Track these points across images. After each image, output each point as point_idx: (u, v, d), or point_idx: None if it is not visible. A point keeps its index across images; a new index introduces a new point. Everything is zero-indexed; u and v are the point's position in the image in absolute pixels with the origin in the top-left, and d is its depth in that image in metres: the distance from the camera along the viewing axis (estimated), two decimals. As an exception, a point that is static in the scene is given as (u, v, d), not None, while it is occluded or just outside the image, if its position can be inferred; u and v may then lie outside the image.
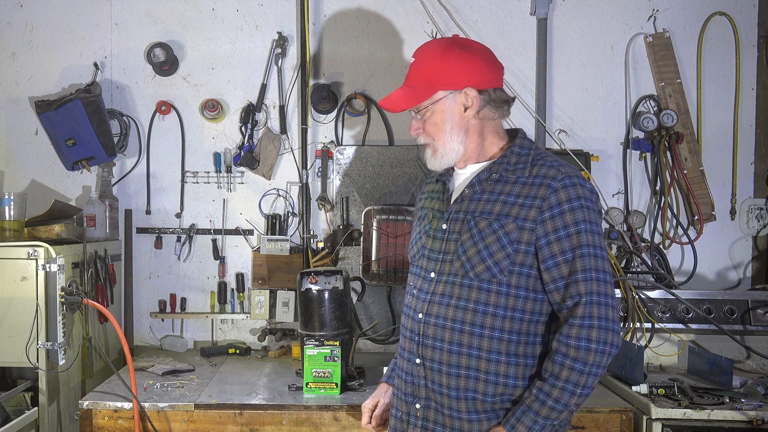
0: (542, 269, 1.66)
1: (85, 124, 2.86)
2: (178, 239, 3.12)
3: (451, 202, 1.80)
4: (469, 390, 1.70)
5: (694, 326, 2.80)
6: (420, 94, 1.74)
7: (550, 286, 1.66)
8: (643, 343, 2.77)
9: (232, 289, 3.12)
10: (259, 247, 3.08)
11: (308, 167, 3.09)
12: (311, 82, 3.08)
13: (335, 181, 3.06)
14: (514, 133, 1.82)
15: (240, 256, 3.14)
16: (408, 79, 1.79)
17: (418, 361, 1.77)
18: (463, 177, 1.81)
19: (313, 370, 2.44)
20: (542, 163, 1.71)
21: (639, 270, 3.00)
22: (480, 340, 1.68)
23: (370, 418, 1.99)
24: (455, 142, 1.75)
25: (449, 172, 1.86)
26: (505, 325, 1.68)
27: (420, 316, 1.77)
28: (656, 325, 2.79)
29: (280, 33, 3.07)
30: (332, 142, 3.12)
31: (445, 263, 1.75)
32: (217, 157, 3.12)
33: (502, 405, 1.70)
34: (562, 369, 1.61)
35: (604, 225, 3.07)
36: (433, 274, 1.77)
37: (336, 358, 2.44)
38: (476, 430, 1.71)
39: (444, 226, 1.78)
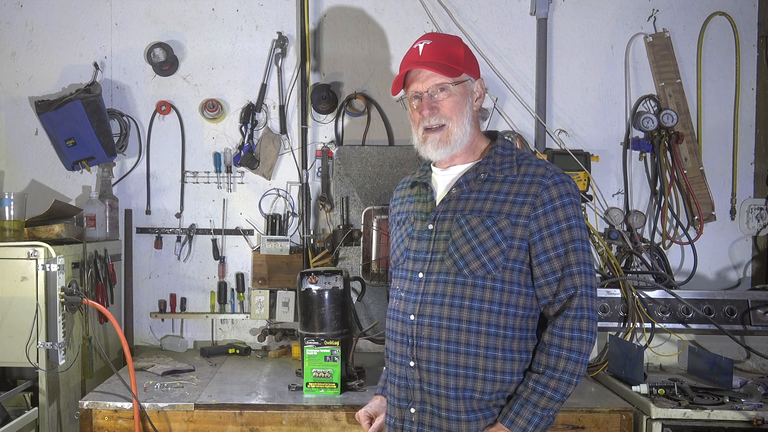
0: (534, 264, 1.71)
1: (85, 124, 2.86)
2: (178, 239, 3.12)
3: (437, 203, 1.81)
4: (467, 389, 1.71)
5: (694, 326, 2.80)
6: (451, 70, 1.75)
7: (541, 280, 1.71)
8: (643, 343, 2.76)
9: (232, 289, 3.12)
10: (259, 247, 3.08)
11: (308, 167, 3.09)
12: (311, 82, 3.08)
13: (335, 181, 3.06)
14: (492, 135, 1.88)
15: (240, 256, 3.14)
16: (429, 56, 1.77)
17: (412, 364, 1.76)
18: (448, 178, 1.84)
19: (313, 370, 2.44)
20: (528, 162, 1.77)
21: (639, 270, 3.01)
22: (477, 337, 1.70)
23: (370, 425, 1.95)
24: (468, 126, 1.79)
25: (428, 174, 1.89)
26: (500, 320, 1.70)
27: (412, 317, 1.76)
28: (656, 325, 2.79)
29: (280, 33, 3.07)
30: (332, 142, 3.12)
31: (435, 263, 1.76)
32: (217, 157, 3.12)
33: (497, 402, 1.72)
34: (559, 360, 1.67)
35: (604, 225, 3.08)
36: (421, 275, 1.77)
37: (336, 358, 2.44)
38: (474, 429, 1.71)
39: (430, 227, 1.79)
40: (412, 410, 1.77)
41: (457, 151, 1.79)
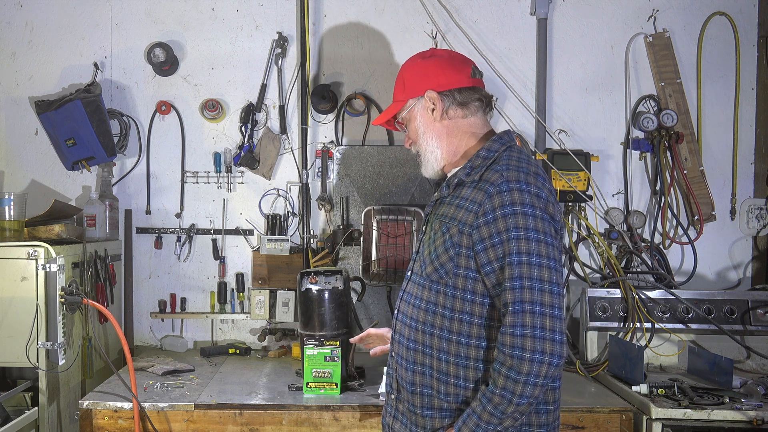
0: (482, 274, 1.64)
1: (85, 124, 2.86)
2: (178, 239, 3.12)
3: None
4: (425, 386, 1.73)
5: (694, 326, 2.80)
6: (395, 106, 1.88)
7: (491, 292, 1.64)
8: (643, 343, 2.77)
9: (232, 289, 3.12)
10: (259, 247, 3.08)
11: (308, 167, 3.09)
12: (311, 82, 3.08)
13: (335, 181, 3.06)
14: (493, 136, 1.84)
15: (240, 256, 3.14)
16: (394, 94, 1.93)
17: (393, 354, 1.85)
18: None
19: (313, 370, 2.44)
20: (496, 167, 1.68)
21: (639, 270, 3.01)
22: (431, 339, 1.72)
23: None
24: (433, 146, 1.82)
25: (444, 179, 1.92)
26: (453, 326, 1.69)
27: (396, 312, 1.87)
28: (656, 325, 2.79)
29: (280, 33, 3.07)
30: (332, 142, 3.12)
31: (415, 263, 1.83)
32: (217, 157, 3.12)
33: (457, 405, 1.70)
34: (499, 376, 1.58)
35: (604, 225, 3.07)
36: (409, 273, 1.85)
37: (336, 358, 2.44)
38: (429, 426, 1.74)
39: (424, 228, 1.86)
40: (392, 396, 1.86)
41: (437, 168, 1.84)
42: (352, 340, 2.23)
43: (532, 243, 1.58)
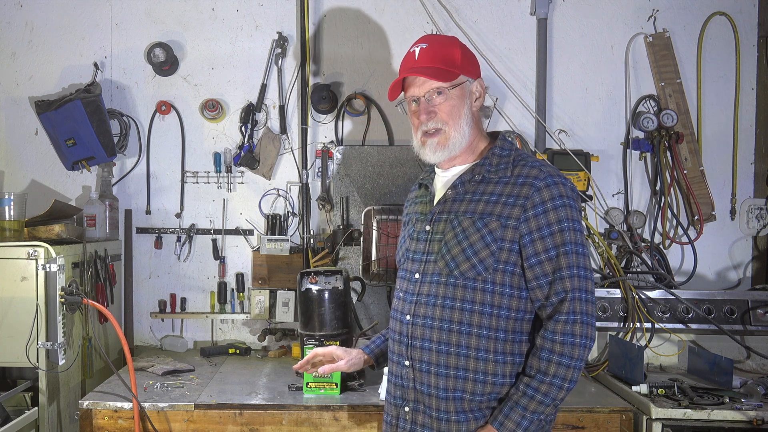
0: (526, 267, 1.68)
1: (85, 124, 2.86)
2: (178, 239, 3.12)
3: (434, 204, 1.82)
4: (458, 390, 1.71)
5: (694, 326, 2.80)
6: (447, 73, 1.75)
7: (533, 283, 1.69)
8: (643, 343, 2.77)
9: (232, 289, 3.12)
10: (259, 247, 3.08)
11: (308, 167, 3.09)
12: (311, 82, 3.08)
13: (335, 181, 3.06)
14: (494, 135, 1.86)
15: (240, 256, 3.14)
16: (426, 60, 1.77)
17: (407, 363, 1.78)
18: (444, 179, 1.85)
19: (313, 370, 2.44)
20: (524, 163, 1.74)
21: (639, 270, 3.01)
22: (468, 339, 1.70)
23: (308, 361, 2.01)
24: (467, 128, 1.77)
25: (431, 176, 1.90)
26: (492, 322, 1.70)
27: (408, 317, 1.78)
28: (656, 325, 2.79)
29: (280, 33, 3.07)
30: (332, 142, 3.12)
31: (429, 263, 1.77)
32: (217, 157, 3.12)
33: (488, 404, 1.71)
34: (550, 364, 1.64)
35: (604, 225, 3.07)
36: (417, 275, 1.79)
37: (336, 358, 2.44)
38: (464, 430, 1.72)
39: (427, 228, 1.80)
40: (406, 409, 1.79)
41: (455, 153, 1.78)
42: (295, 367, 2.05)
43: (578, 234, 1.68)
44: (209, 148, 3.13)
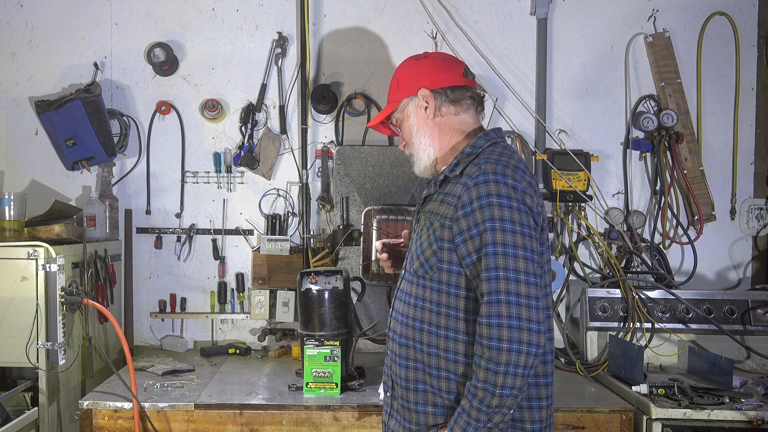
0: (463, 267, 1.66)
1: (85, 124, 2.86)
2: (178, 239, 3.12)
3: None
4: (419, 381, 1.74)
5: (694, 326, 2.80)
6: (389, 107, 1.89)
7: (473, 284, 1.66)
8: (643, 343, 2.76)
9: (232, 289, 3.12)
10: (259, 247, 3.08)
11: (308, 167, 3.09)
12: (311, 82, 3.08)
13: (335, 181, 3.06)
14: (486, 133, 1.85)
15: (240, 256, 3.14)
16: (387, 98, 1.95)
17: (388, 352, 1.87)
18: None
19: (313, 370, 2.44)
20: (476, 161, 1.70)
21: (639, 270, 3.01)
22: (421, 335, 1.74)
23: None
24: (425, 144, 1.83)
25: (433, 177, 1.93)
26: (440, 321, 1.70)
27: (391, 311, 1.89)
28: (656, 325, 2.79)
29: (280, 33, 3.07)
30: (332, 142, 3.12)
31: (406, 261, 1.86)
32: (217, 157, 3.12)
33: (450, 403, 1.71)
34: (479, 369, 1.58)
35: (604, 225, 3.07)
36: (403, 272, 1.88)
37: (336, 358, 2.44)
38: (422, 422, 1.74)
39: (414, 227, 1.88)
40: (388, 393, 1.88)
41: (426, 166, 1.85)
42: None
43: (507, 234, 1.60)
44: (209, 148, 3.13)
